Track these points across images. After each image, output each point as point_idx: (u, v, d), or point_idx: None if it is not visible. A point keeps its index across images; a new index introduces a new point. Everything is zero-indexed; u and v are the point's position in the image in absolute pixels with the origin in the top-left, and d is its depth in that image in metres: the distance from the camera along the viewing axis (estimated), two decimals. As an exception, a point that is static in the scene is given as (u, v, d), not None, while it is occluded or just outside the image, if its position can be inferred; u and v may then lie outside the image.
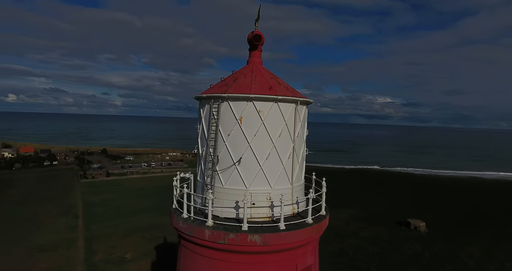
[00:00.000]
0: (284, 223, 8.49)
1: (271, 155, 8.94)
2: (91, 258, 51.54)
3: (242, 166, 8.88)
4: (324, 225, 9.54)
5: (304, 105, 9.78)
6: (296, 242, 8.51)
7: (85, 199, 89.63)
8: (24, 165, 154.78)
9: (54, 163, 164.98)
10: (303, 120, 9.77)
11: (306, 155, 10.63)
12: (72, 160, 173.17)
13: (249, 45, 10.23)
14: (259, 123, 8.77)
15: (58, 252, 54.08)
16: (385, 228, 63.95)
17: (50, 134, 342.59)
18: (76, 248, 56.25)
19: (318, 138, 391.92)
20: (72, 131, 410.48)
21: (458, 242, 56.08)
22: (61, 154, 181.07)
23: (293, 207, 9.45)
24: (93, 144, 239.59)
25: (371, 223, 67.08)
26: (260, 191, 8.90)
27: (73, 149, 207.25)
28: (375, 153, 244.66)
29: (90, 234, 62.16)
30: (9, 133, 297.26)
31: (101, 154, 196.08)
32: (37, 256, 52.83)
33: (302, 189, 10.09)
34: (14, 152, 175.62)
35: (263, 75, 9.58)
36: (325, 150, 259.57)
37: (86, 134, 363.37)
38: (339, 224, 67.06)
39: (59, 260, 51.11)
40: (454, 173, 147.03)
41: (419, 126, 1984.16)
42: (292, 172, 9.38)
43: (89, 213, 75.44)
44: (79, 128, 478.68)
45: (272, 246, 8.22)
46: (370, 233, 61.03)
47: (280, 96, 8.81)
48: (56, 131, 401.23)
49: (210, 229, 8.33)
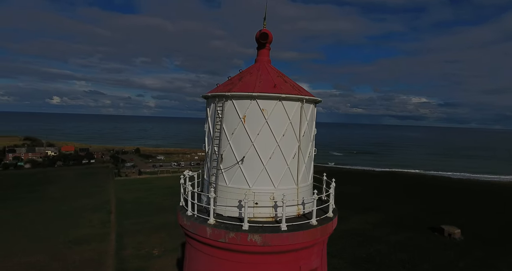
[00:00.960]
0: (286, 224, 8.32)
1: (275, 154, 8.81)
2: (121, 253, 53.84)
3: (245, 165, 8.83)
4: (331, 227, 9.24)
5: (311, 104, 9.55)
6: (298, 244, 8.31)
7: (118, 196, 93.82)
8: (65, 163, 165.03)
9: (92, 161, 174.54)
10: (310, 120, 9.54)
11: (315, 154, 10.38)
12: (107, 158, 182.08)
13: (257, 44, 10.16)
14: (262, 122, 8.68)
15: (91, 245, 57.00)
16: (416, 233, 61.09)
17: (89, 134, 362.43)
18: (108, 242, 59.01)
19: (349, 139, 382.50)
20: (109, 131, 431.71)
21: (496, 251, 52.37)
22: (98, 153, 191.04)
23: (298, 208, 9.25)
24: (128, 143, 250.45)
25: (401, 228, 64.38)
26: (263, 190, 8.79)
27: (109, 148, 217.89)
28: (408, 155, 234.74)
29: (121, 230, 64.95)
30: (53, 133, 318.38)
31: (135, 153, 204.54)
32: (73, 248, 56.02)
33: (309, 190, 9.85)
34: (57, 150, 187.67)
35: (269, 74, 9.48)
36: (355, 151, 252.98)
37: (121, 134, 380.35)
38: (367, 228, 65.04)
39: (92, 253, 53.84)
40: (494, 178, 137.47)
41: (456, 128, 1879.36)
42: (298, 172, 9.18)
43: (121, 209, 78.90)
44: (115, 128, 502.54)
45: (273, 247, 8.08)
46: (399, 238, 58.59)
47: (283, 94, 8.66)
48: (94, 131, 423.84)
49: (212, 227, 8.36)
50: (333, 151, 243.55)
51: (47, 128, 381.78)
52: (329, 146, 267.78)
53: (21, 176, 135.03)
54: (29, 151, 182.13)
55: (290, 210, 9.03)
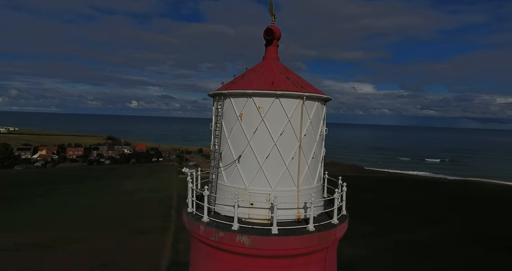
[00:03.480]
0: (281, 228, 7.92)
1: (271, 154, 8.47)
2: (177, 245, 57.31)
3: (242, 164, 8.66)
4: (333, 235, 8.51)
5: (315, 102, 8.96)
6: (290, 250, 7.83)
7: (179, 192, 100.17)
8: (138, 160, 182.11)
9: (160, 159, 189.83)
10: (315, 118, 8.95)
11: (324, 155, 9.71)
12: (173, 157, 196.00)
13: (265, 41, 9.92)
14: (259, 120, 8.42)
15: (152, 236, 61.77)
16: (488, 251, 53.55)
17: (159, 135, 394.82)
18: (166, 234, 63.36)
19: (418, 144, 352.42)
20: (176, 132, 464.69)
21: None
22: (166, 152, 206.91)
23: (298, 211, 8.73)
24: (192, 144, 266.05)
25: (471, 243, 57.07)
26: (259, 191, 8.51)
27: (175, 148, 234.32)
28: (488, 163, 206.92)
29: (180, 224, 69.19)
30: (130, 133, 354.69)
31: (198, 153, 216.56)
32: (137, 238, 61.37)
33: (315, 193, 9.24)
34: (132, 149, 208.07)
35: (272, 70, 9.17)
36: (425, 157, 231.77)
37: (187, 135, 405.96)
38: (432, 241, 59.04)
39: (152, 243, 58.29)
40: None
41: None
42: (299, 173, 8.68)
43: (180, 205, 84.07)
44: (183, 130, 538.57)
45: (261, 250, 7.75)
46: (467, 255, 51.94)
47: (279, 91, 8.28)
48: (164, 132, 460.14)
49: (204, 225, 8.36)
50: (399, 156, 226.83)
51: (125, 129, 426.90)
52: (394, 151, 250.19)
53: (102, 171, 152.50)
54: (110, 149, 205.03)
55: (289, 213, 8.59)
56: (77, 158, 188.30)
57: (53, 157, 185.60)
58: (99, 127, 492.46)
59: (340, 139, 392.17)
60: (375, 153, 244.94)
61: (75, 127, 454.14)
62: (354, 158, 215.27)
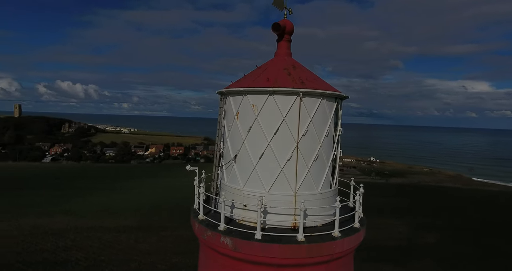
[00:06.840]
0: (265, 233, 7.42)
1: (265, 155, 8.00)
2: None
3: (238, 164, 8.44)
4: (330, 249, 7.52)
5: (318, 99, 8.09)
6: (273, 259, 7.24)
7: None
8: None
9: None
10: (318, 117, 8.10)
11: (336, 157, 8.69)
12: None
13: (276, 36, 9.47)
14: (253, 119, 8.07)
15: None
16: None
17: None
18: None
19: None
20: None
21: None
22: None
23: (294, 218, 8.02)
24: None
25: None
26: (253, 193, 8.12)
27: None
28: None
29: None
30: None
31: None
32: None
33: (320, 200, 8.36)
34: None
35: (275, 67, 8.68)
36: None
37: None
38: None
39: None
40: None
41: None
42: (297, 177, 7.98)
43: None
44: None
45: (244, 254, 7.37)
46: None
47: (271, 88, 7.76)
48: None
49: (198, 223, 8.42)
50: None
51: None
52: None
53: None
54: (205, 149, 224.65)
55: (283, 220, 7.96)
56: (178, 155, 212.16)
57: (160, 154, 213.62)
58: (199, 129, 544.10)
59: (443, 145, 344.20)
60: (490, 163, 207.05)
61: (180, 128, 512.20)
62: (460, 167, 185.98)
